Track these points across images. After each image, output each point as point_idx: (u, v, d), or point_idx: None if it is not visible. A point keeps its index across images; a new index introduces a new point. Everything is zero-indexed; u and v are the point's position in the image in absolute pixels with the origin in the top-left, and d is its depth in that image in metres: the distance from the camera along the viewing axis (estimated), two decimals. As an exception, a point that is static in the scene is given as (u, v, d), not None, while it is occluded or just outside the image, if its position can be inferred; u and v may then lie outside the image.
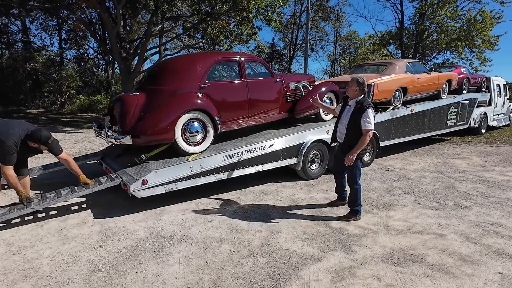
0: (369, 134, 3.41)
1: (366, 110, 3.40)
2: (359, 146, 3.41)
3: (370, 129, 3.41)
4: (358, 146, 3.42)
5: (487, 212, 4.04)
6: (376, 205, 4.26)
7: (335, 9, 23.05)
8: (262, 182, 5.22)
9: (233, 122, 4.98)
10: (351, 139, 3.50)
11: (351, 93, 3.61)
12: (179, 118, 4.20)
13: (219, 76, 5.16)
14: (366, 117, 3.39)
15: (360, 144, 3.40)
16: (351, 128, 3.51)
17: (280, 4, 12.31)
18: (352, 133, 3.50)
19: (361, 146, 3.41)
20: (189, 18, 14.62)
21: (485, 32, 17.61)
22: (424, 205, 4.29)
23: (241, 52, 5.71)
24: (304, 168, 5.31)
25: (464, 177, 5.79)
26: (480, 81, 10.69)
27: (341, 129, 3.68)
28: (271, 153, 4.85)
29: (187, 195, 4.36)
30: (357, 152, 3.42)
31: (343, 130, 3.63)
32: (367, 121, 3.39)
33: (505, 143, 9.46)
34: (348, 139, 3.55)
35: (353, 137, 3.48)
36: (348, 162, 3.45)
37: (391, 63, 7.71)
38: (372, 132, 3.45)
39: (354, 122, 3.47)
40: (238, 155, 4.43)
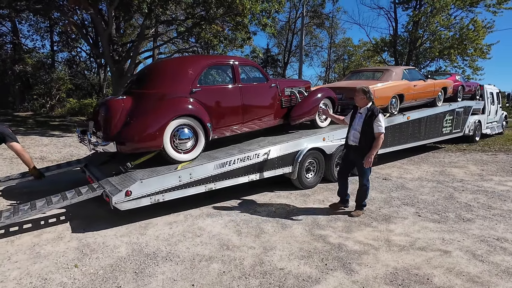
0: (381, 136, 3.83)
1: (377, 116, 3.82)
2: (375, 148, 3.83)
3: (382, 132, 3.82)
4: (373, 149, 3.83)
5: (490, 226, 3.87)
6: (376, 217, 4.05)
7: (329, 16, 23.16)
8: (255, 191, 4.97)
9: (226, 128, 4.74)
10: (365, 143, 3.89)
11: (360, 102, 4.00)
12: (168, 124, 3.95)
13: (212, 81, 4.93)
14: (377, 122, 3.81)
15: (375, 146, 3.83)
16: (365, 133, 3.89)
17: (275, 9, 12.21)
18: (366, 137, 3.89)
19: (376, 148, 3.84)
20: (183, 22, 14.44)
21: (477, 41, 17.81)
22: (425, 218, 4.09)
23: (235, 56, 5.50)
24: (299, 177, 5.09)
25: (463, 186, 5.64)
26: (474, 89, 10.68)
27: (354, 135, 4.04)
28: (266, 161, 4.61)
29: (175, 206, 4.09)
30: (373, 154, 3.83)
31: (357, 135, 3.99)
32: (379, 125, 3.80)
33: (499, 151, 9.41)
34: (363, 142, 3.94)
35: (367, 141, 3.88)
36: (367, 164, 3.88)
37: (388, 70, 7.59)
38: (383, 134, 3.85)
39: (367, 127, 3.87)
40: (230, 164, 4.19)
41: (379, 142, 3.81)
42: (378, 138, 3.80)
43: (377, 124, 3.79)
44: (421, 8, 18.87)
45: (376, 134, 3.81)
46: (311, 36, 25.28)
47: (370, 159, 3.83)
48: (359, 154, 3.96)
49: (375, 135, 3.81)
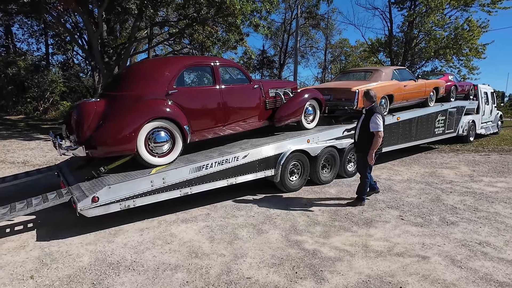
0: (379, 135, 4.06)
1: (373, 115, 4.08)
2: (373, 147, 4.11)
3: (379, 131, 4.05)
4: (372, 147, 4.11)
5: (474, 229, 3.75)
6: (357, 221, 3.93)
7: (325, 17, 23.09)
8: (237, 195, 4.85)
9: (206, 131, 4.63)
10: (362, 141, 4.27)
11: (364, 104, 4.37)
12: (142, 127, 3.84)
13: (190, 82, 4.82)
14: (373, 122, 4.07)
15: (374, 145, 4.10)
16: (362, 131, 4.28)
17: (267, 9, 12.12)
18: (363, 135, 4.24)
19: (375, 146, 4.10)
20: (175, 23, 14.36)
21: (472, 40, 17.71)
22: (408, 221, 3.97)
23: (215, 57, 5.39)
24: (282, 180, 4.97)
25: (451, 188, 5.52)
26: (468, 89, 10.57)
27: (356, 133, 4.44)
28: (246, 164, 4.50)
29: (150, 212, 3.97)
30: (373, 152, 4.13)
31: (357, 133, 4.39)
32: (374, 124, 4.05)
33: (493, 152, 9.30)
34: (360, 140, 4.33)
35: (363, 139, 4.23)
36: (370, 161, 4.20)
37: (377, 70, 7.49)
38: (382, 132, 4.08)
39: (364, 127, 4.20)
40: (207, 167, 4.07)
41: (376, 140, 4.07)
42: (376, 136, 4.07)
43: (373, 124, 4.06)
44: (415, 8, 18.80)
45: (374, 133, 4.07)
46: (307, 37, 25.21)
47: (371, 157, 4.15)
48: (358, 150, 4.44)
49: (373, 134, 4.07)
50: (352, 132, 5.06)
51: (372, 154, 4.13)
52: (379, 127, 4.05)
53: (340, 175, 6.05)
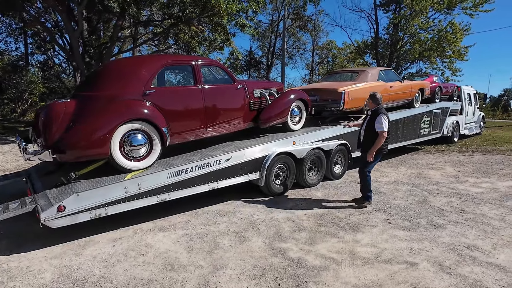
0: (384, 134, 4.17)
1: (378, 115, 4.20)
2: (376, 146, 4.21)
3: (383, 131, 4.16)
4: (375, 146, 4.22)
5: (462, 232, 3.67)
6: (343, 226, 3.79)
7: (312, 18, 23.16)
8: (220, 200, 4.65)
9: (187, 133, 4.41)
10: (367, 141, 4.38)
11: (369, 106, 4.48)
12: (116, 129, 3.59)
13: (170, 82, 4.59)
14: (377, 122, 4.18)
15: (376, 143, 4.20)
16: (367, 132, 4.40)
17: (253, 10, 11.97)
18: (368, 136, 4.36)
19: (377, 145, 4.21)
20: (160, 22, 14.04)
21: (455, 43, 18.09)
22: (395, 225, 3.87)
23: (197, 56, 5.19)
24: (267, 184, 4.79)
25: (438, 189, 5.48)
26: (452, 90, 10.71)
27: (361, 133, 4.55)
28: (229, 168, 4.30)
29: (125, 220, 3.72)
30: (374, 150, 4.24)
31: (362, 133, 4.51)
32: (379, 125, 4.16)
33: (477, 152, 9.42)
34: (365, 140, 4.44)
35: (368, 139, 4.34)
36: (369, 158, 4.29)
37: (363, 71, 7.44)
38: (385, 133, 4.18)
39: (369, 127, 4.32)
40: (187, 172, 3.85)
41: (379, 139, 4.16)
42: (380, 136, 4.16)
43: (377, 124, 4.17)
44: (400, 11, 19.07)
45: (378, 132, 4.16)
46: (294, 39, 25.24)
47: (371, 154, 4.25)
48: (363, 151, 4.48)
49: (378, 133, 4.17)
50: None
51: (373, 152, 4.22)
52: (383, 127, 4.15)
53: (327, 177, 5.93)
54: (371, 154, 4.26)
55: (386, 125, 4.18)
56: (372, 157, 4.27)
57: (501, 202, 4.79)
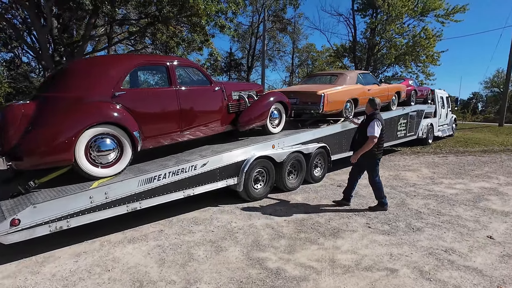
0: (373, 140, 4.16)
1: (372, 120, 4.21)
2: (363, 149, 4.23)
3: (374, 136, 4.14)
4: (361, 149, 4.24)
5: (439, 235, 3.69)
6: (323, 232, 3.71)
7: (292, 21, 23.34)
8: (196, 206, 4.45)
9: (162, 137, 4.19)
10: (358, 144, 4.37)
11: (366, 110, 4.50)
12: (82, 134, 3.32)
13: (142, 83, 4.35)
14: (370, 127, 4.19)
15: (364, 147, 4.20)
16: (360, 136, 4.40)
17: (232, 10, 11.83)
18: (359, 139, 4.37)
19: (364, 148, 4.21)
20: (136, 21, 13.58)
21: (428, 48, 18.83)
22: (375, 229, 3.83)
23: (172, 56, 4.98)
24: (246, 189, 4.65)
25: (415, 191, 5.55)
26: (426, 94, 11.04)
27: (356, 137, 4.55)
28: (205, 173, 4.11)
29: (92, 231, 3.44)
30: (360, 153, 4.25)
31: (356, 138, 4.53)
32: (371, 129, 4.16)
33: (450, 153, 9.73)
34: (357, 144, 4.42)
35: (359, 142, 4.34)
36: (352, 159, 4.38)
37: (342, 74, 7.48)
38: (375, 138, 4.16)
39: (362, 131, 4.32)
40: (160, 178, 3.63)
41: (368, 144, 4.16)
42: (369, 140, 4.16)
43: (370, 128, 4.17)
44: (377, 16, 19.62)
45: (368, 136, 4.17)
46: (275, 41, 25.33)
47: (356, 156, 4.30)
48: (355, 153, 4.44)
49: (368, 137, 4.17)
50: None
51: (358, 154, 4.26)
52: (375, 132, 4.14)
53: (306, 180, 5.86)
54: (355, 156, 4.29)
55: (378, 131, 4.17)
56: (355, 159, 4.31)
57: (474, 203, 4.91)
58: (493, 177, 6.62)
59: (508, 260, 3.09)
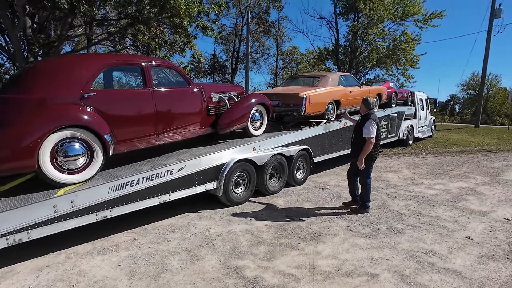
0: (371, 141, 4.08)
1: (367, 121, 4.12)
2: (364, 152, 4.12)
3: (371, 137, 4.08)
4: (363, 152, 4.13)
5: (419, 237, 3.67)
6: (304, 236, 3.62)
7: (275, 24, 23.43)
8: (174, 213, 4.27)
9: (137, 140, 3.99)
10: (355, 146, 4.32)
11: (361, 110, 4.42)
12: (46, 138, 3.09)
13: (115, 84, 4.14)
14: (365, 128, 4.10)
15: (364, 150, 4.11)
16: (356, 137, 4.34)
17: (215, 12, 11.70)
18: (357, 141, 4.28)
19: (365, 151, 4.12)
20: (116, 22, 13.21)
21: (408, 51, 19.32)
22: (356, 232, 3.78)
23: (147, 56, 4.79)
24: (226, 193, 4.51)
25: (396, 193, 5.57)
26: (406, 96, 11.26)
27: (352, 139, 4.50)
28: (182, 178, 3.95)
29: (58, 242, 3.21)
30: (363, 157, 4.15)
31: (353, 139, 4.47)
32: (367, 130, 4.08)
33: (429, 154, 9.94)
34: (354, 146, 4.41)
35: (357, 145, 4.27)
36: (360, 166, 4.20)
37: (324, 76, 7.47)
38: (372, 139, 4.09)
39: (358, 133, 4.24)
40: (132, 184, 3.44)
41: (367, 146, 4.09)
42: (367, 142, 4.08)
43: (365, 130, 4.09)
44: (359, 20, 19.98)
45: (366, 138, 4.09)
46: (259, 43, 25.34)
47: (361, 162, 4.16)
48: (353, 156, 4.41)
49: (365, 139, 4.09)
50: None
51: (362, 159, 4.14)
52: (371, 133, 4.07)
53: (289, 183, 5.79)
54: (360, 162, 4.15)
55: (374, 131, 4.09)
56: (362, 165, 4.17)
57: (453, 204, 4.96)
58: (470, 177, 6.77)
59: (487, 261, 3.10)
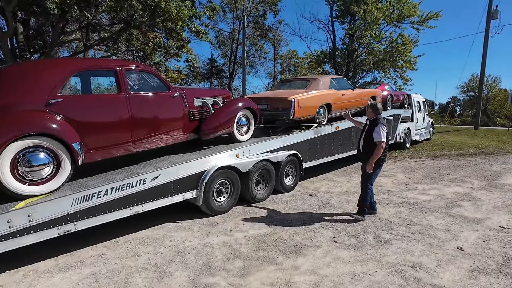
0: (382, 145, 4.09)
1: (377, 125, 4.13)
2: (374, 156, 4.12)
3: (381, 141, 4.08)
4: (373, 156, 4.12)
5: (407, 248, 3.45)
6: (284, 249, 3.40)
7: (272, 28, 23.37)
8: (151, 223, 4.07)
9: (111, 148, 3.82)
10: (366, 151, 4.25)
11: (368, 115, 4.42)
12: (5, 147, 2.91)
13: (84, 89, 3.97)
14: (376, 132, 4.10)
15: (375, 154, 4.11)
16: (366, 142, 4.28)
17: (208, 15, 11.59)
18: (367, 146, 4.24)
19: (376, 156, 4.11)
20: (109, 27, 13.13)
21: (405, 53, 19.16)
22: (341, 243, 3.56)
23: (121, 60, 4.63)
24: (207, 202, 4.30)
25: (388, 199, 5.35)
26: (402, 98, 11.07)
27: (361, 144, 4.42)
28: (156, 187, 3.75)
29: (18, 258, 3.01)
30: (373, 161, 4.13)
31: (361, 143, 4.37)
32: (378, 135, 4.08)
33: (426, 157, 9.71)
34: (363, 151, 4.33)
35: (367, 149, 4.23)
36: (369, 169, 4.18)
37: (315, 79, 7.29)
38: (384, 143, 4.10)
39: (368, 137, 4.21)
40: (100, 196, 3.24)
41: (378, 150, 4.08)
42: (378, 146, 4.07)
43: (376, 134, 4.08)
44: (355, 23, 19.87)
45: (376, 142, 4.08)
46: (256, 47, 25.27)
47: (371, 166, 4.14)
48: (362, 161, 4.38)
49: (376, 143, 4.08)
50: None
51: (372, 163, 4.12)
52: (382, 137, 4.08)
53: (277, 190, 5.58)
54: (370, 165, 4.13)
55: (385, 135, 4.11)
56: (371, 169, 4.15)
57: (447, 210, 4.74)
58: (467, 181, 6.54)
59: (478, 276, 2.88)
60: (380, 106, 4.36)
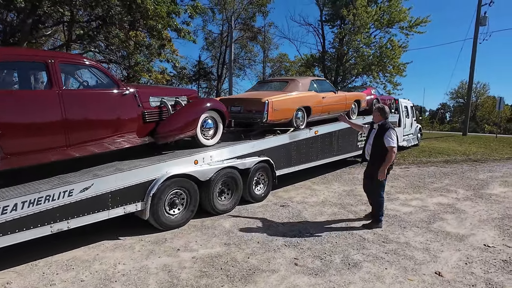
0: (394, 150, 3.93)
1: (387, 130, 3.98)
2: (387, 163, 3.94)
3: (393, 146, 3.92)
4: (386, 163, 3.94)
5: (378, 273, 2.96)
6: (234, 274, 2.88)
7: (261, 30, 22.99)
8: (87, 241, 3.50)
9: (40, 153, 3.29)
10: (376, 156, 4.07)
11: (375, 118, 4.24)
12: None
13: (3, 83, 3.41)
14: (388, 136, 3.94)
15: (387, 160, 3.93)
16: (375, 147, 4.08)
17: (188, 13, 11.10)
18: (377, 151, 4.06)
19: (388, 162, 3.94)
20: (86, 24, 12.55)
21: (394, 59, 18.94)
22: (302, 267, 3.06)
23: (55, 51, 4.08)
24: (156, 216, 3.76)
25: (365, 210, 4.87)
26: (389, 103, 10.69)
27: (368, 149, 4.25)
28: (88, 199, 3.19)
29: None
30: (386, 167, 3.95)
31: (370, 149, 4.19)
32: (389, 140, 3.92)
33: (412, 164, 9.32)
34: (374, 156, 4.12)
35: (377, 155, 4.04)
36: (380, 177, 3.97)
37: (294, 80, 6.83)
38: (395, 148, 3.94)
39: (378, 142, 4.03)
40: (4, 212, 2.67)
41: (390, 156, 3.91)
42: (390, 152, 3.91)
43: (387, 139, 3.92)
44: (345, 26, 19.63)
45: (388, 148, 3.91)
46: (246, 50, 24.84)
47: (382, 173, 3.96)
48: (372, 167, 4.13)
49: (387, 149, 3.91)
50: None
51: (384, 170, 3.96)
52: (393, 143, 3.93)
53: (245, 199, 5.07)
54: (382, 172, 3.95)
55: (396, 141, 3.97)
56: (384, 176, 3.98)
57: (428, 225, 4.29)
58: (452, 191, 6.12)
59: (456, 311, 2.40)
60: (388, 110, 4.18)
